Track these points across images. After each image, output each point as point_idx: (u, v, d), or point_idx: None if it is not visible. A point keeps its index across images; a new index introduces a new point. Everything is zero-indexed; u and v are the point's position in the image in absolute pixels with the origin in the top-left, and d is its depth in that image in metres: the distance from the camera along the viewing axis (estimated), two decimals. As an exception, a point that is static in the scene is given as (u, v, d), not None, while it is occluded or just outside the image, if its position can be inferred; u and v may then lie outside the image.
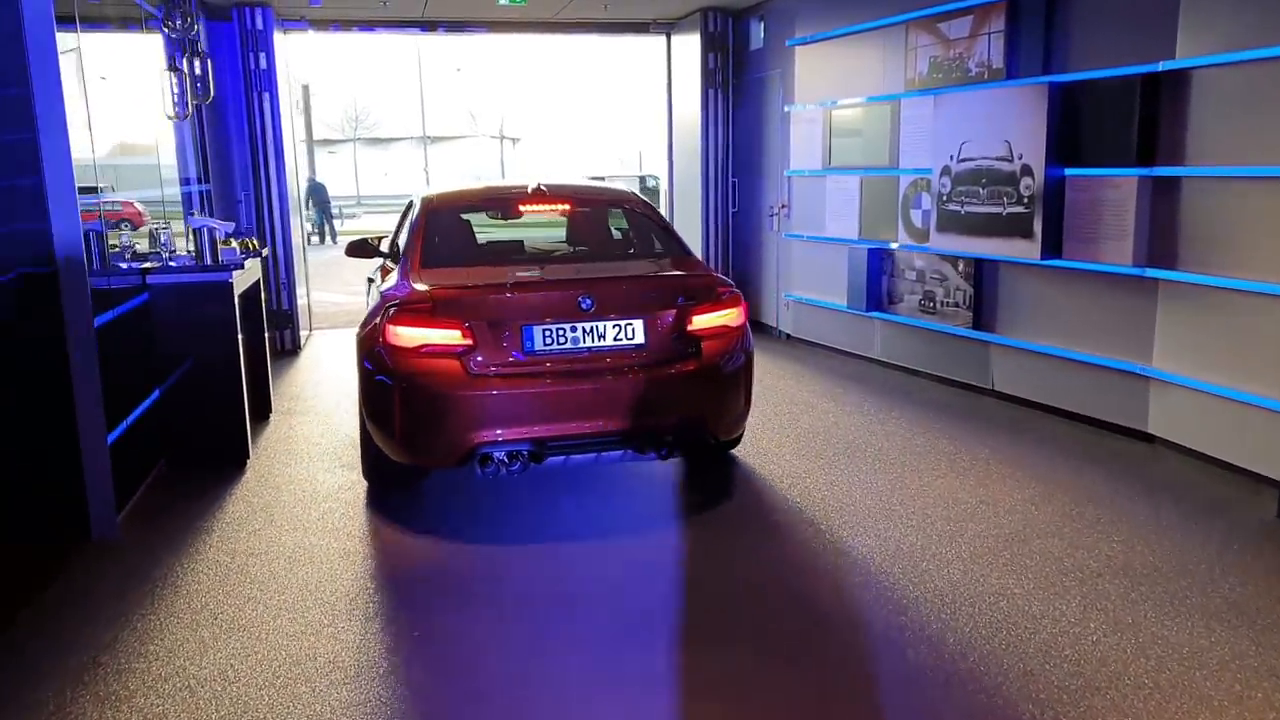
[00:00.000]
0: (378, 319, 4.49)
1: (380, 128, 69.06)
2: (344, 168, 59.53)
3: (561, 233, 6.22)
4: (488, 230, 7.18)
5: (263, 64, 8.65)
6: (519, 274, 4.72)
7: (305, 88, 39.11)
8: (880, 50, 7.61)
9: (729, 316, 4.67)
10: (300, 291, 9.42)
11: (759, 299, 9.84)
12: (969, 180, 6.66)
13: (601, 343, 4.42)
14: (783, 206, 9.03)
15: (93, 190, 5.45)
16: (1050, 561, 4.12)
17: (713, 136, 9.76)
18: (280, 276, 9.03)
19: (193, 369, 5.48)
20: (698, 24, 9.65)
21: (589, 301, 4.39)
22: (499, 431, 4.27)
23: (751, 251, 9.93)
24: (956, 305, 7.00)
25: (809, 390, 7.23)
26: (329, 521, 4.70)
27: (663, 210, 11.29)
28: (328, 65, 61.83)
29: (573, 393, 4.34)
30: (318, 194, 23.49)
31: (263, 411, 6.67)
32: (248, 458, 5.65)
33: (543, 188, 5.32)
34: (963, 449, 5.70)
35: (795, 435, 6.05)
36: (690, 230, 10.29)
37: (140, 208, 7.71)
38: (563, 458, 4.43)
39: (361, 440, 4.99)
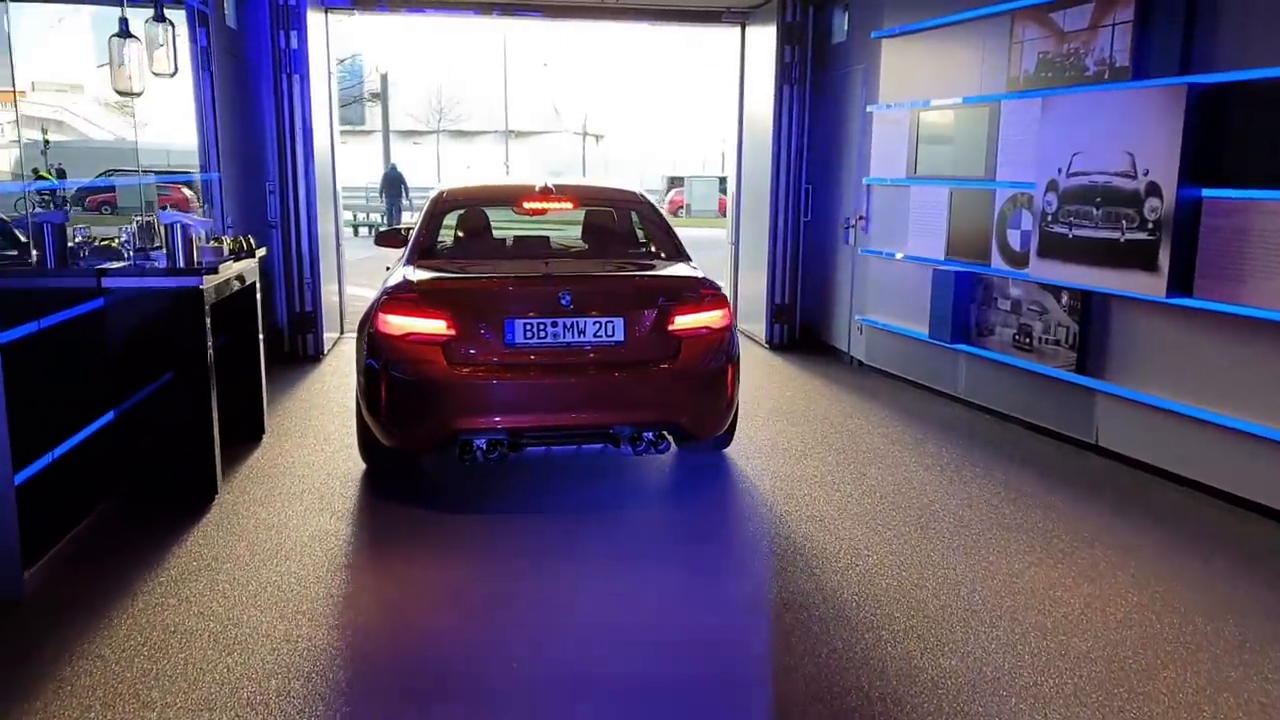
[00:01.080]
0: (372, 307, 4.73)
1: (465, 120, 69.28)
2: (428, 159, 59.80)
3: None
4: (515, 226, 7.35)
5: (294, 44, 7.97)
6: (505, 269, 5.03)
7: (384, 76, 39.08)
8: (979, 44, 6.57)
9: (711, 319, 4.73)
10: (328, 289, 8.72)
11: (829, 320, 8.84)
12: (1080, 198, 5.59)
13: (581, 338, 4.55)
14: (860, 218, 8.02)
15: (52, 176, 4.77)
16: (1185, 709, 3.10)
17: (786, 138, 8.79)
18: (304, 275, 8.34)
19: (156, 388, 4.76)
20: (774, 13, 8.68)
21: (568, 298, 4.52)
22: (477, 420, 4.50)
23: (823, 267, 8.93)
24: (1058, 343, 5.94)
25: (880, 433, 6.24)
26: (285, 590, 3.90)
27: (728, 216, 10.38)
28: (411, 55, 62.08)
29: (551, 386, 4.55)
30: (392, 183, 23.31)
31: (254, 432, 5.94)
32: (215, 493, 4.91)
33: (549, 186, 5.48)
34: (1062, 525, 4.67)
35: (860, 494, 5.09)
36: (756, 240, 9.34)
37: (188, 194, 7.13)
38: (544, 448, 4.85)
39: (357, 421, 5.11)
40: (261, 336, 5.99)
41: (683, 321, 4.65)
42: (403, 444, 4.75)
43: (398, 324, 4.53)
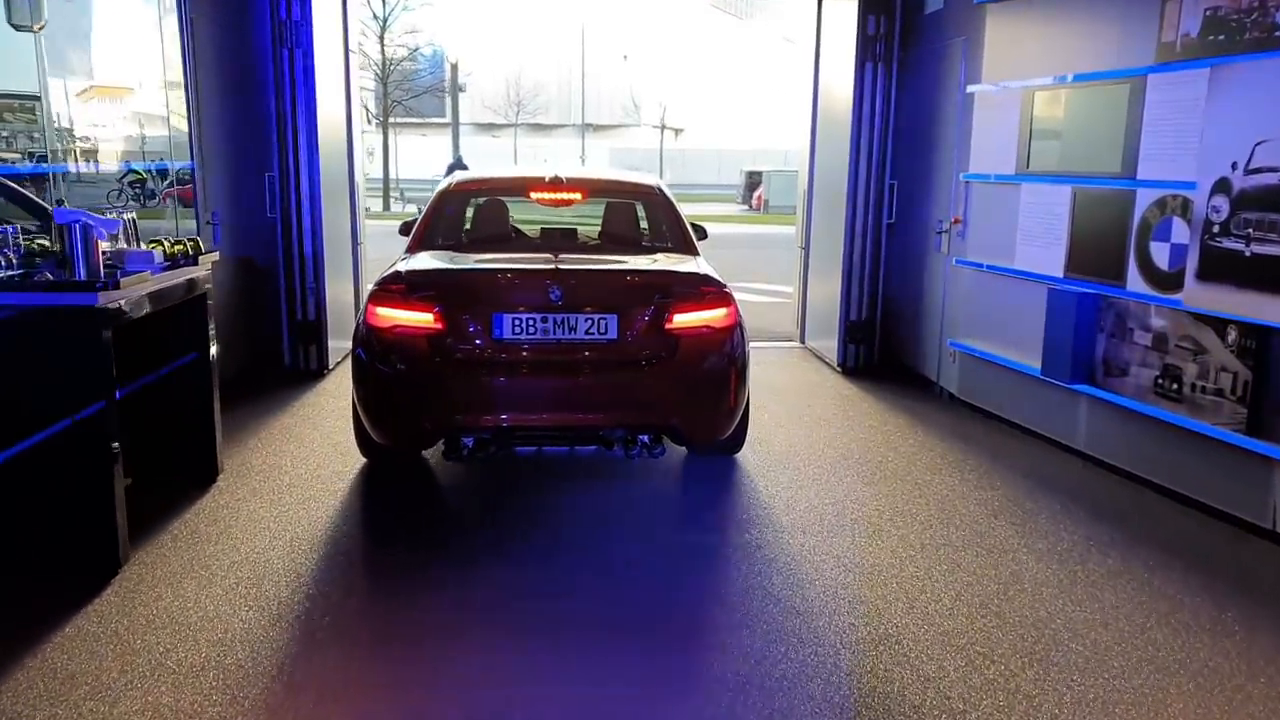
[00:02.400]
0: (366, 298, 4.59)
1: (543, 114, 68.58)
2: (504, 152, 59.21)
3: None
4: (546, 220, 6.88)
5: (295, 13, 6.91)
6: (505, 262, 4.86)
7: (454, 66, 38.41)
8: (1117, 4, 5.17)
9: (712, 317, 4.48)
10: (337, 294, 7.67)
11: (915, 342, 7.48)
12: (1265, 203, 4.19)
13: (572, 335, 4.36)
14: (956, 222, 6.66)
15: None
16: None
17: (867, 124, 7.44)
18: (306, 280, 7.31)
19: (44, 437, 3.70)
20: (857, -22, 7.36)
21: (558, 292, 4.34)
22: (461, 417, 4.37)
23: (908, 278, 7.58)
24: (1219, 393, 4.54)
25: (977, 499, 4.91)
26: (131, 736, 2.78)
27: (798, 215, 9.08)
28: (488, 46, 61.60)
29: (538, 384, 4.40)
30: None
31: (205, 476, 4.89)
32: (119, 568, 3.85)
33: (560, 177, 5.41)
34: (1242, 658, 3.32)
35: (951, 598, 3.78)
36: (829, 245, 8.01)
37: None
38: (534, 448, 4.70)
39: (353, 414, 4.92)
40: (214, 356, 4.93)
41: (681, 320, 4.42)
42: (389, 439, 4.67)
43: (385, 315, 4.38)
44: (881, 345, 7.81)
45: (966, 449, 5.76)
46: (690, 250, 5.22)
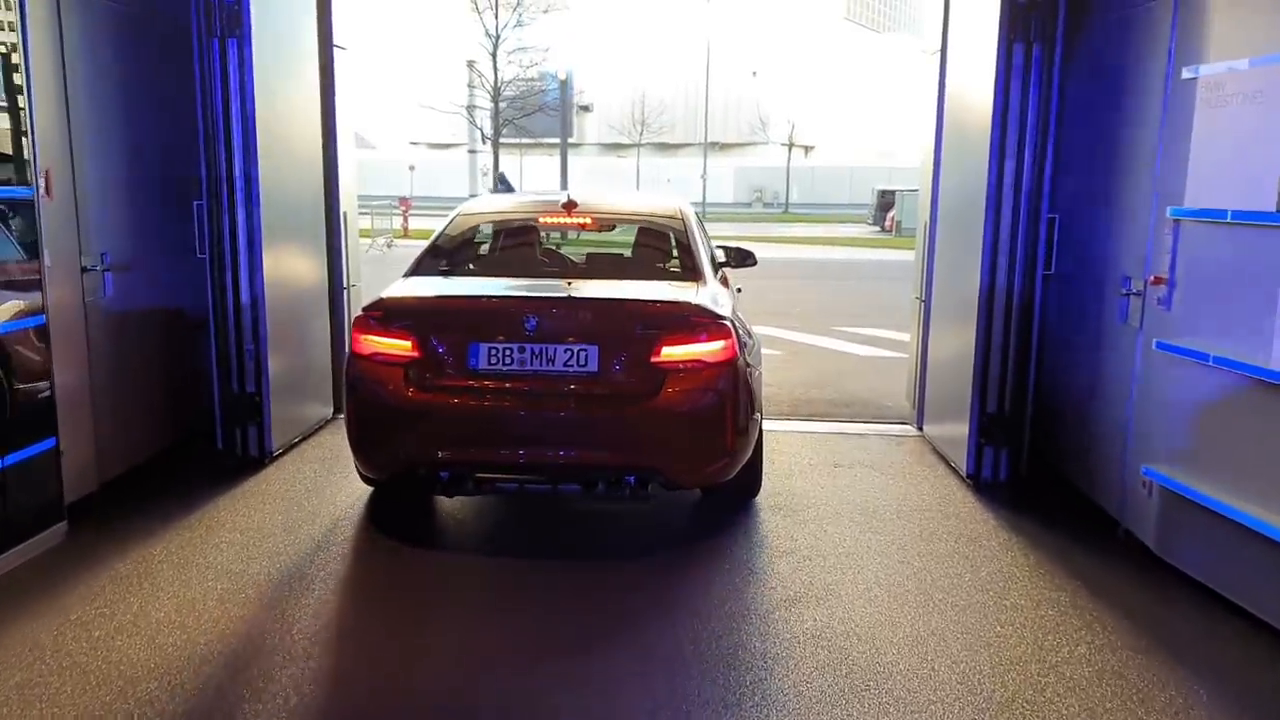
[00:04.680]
0: None
1: (669, 132, 66.87)
2: (628, 173, 57.76)
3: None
4: (588, 245, 6.83)
5: (225, -10, 5.16)
6: (480, 288, 4.80)
7: (563, 83, 36.98)
8: None
9: (706, 351, 4.18)
10: (285, 357, 5.83)
11: (1083, 452, 5.14)
12: None
13: (550, 367, 4.19)
14: (1157, 281, 4.30)
15: None
16: None
17: (1015, 132, 5.16)
18: (244, 338, 5.51)
19: None
20: (1003, -73, 5.11)
21: (534, 322, 4.16)
22: (430, 451, 4.22)
23: (1075, 356, 5.25)
24: None
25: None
26: None
27: (916, 254, 6.89)
28: (612, 64, 60.41)
29: (513, 417, 4.23)
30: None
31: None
32: None
33: (573, 202, 5.24)
34: None
35: None
36: (955, 299, 5.75)
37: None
38: (515, 485, 4.36)
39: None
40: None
41: (670, 353, 4.15)
42: (368, 470, 4.55)
43: (365, 342, 4.32)
44: (1033, 450, 5.47)
45: (1179, 664, 3.43)
46: (696, 278, 4.81)
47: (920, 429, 6.62)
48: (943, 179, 6.17)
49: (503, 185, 24.22)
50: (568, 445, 4.22)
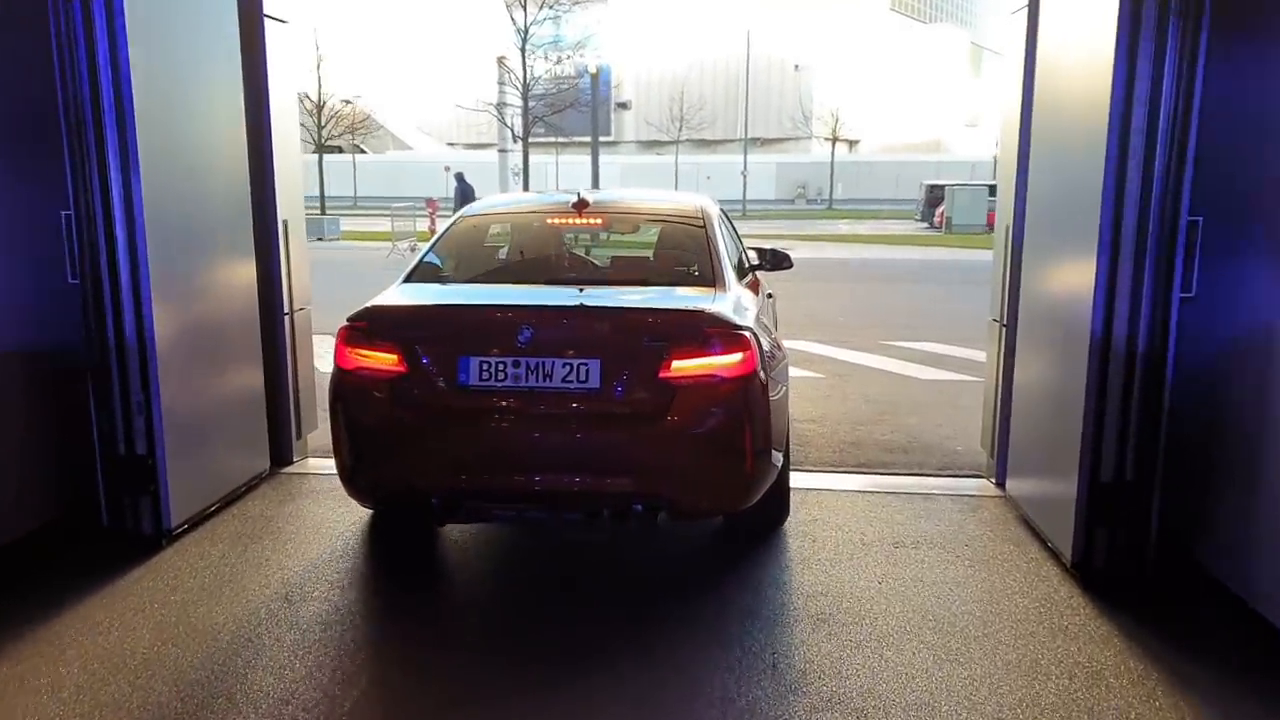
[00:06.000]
0: None
1: (708, 128, 65.31)
2: (666, 172, 56.37)
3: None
4: (612, 246, 6.04)
5: (78, -68, 3.94)
6: (474, 297, 4.35)
7: (594, 76, 35.69)
8: None
9: (722, 364, 3.78)
10: (181, 410, 4.62)
11: (1237, 541, 3.75)
12: None
13: (547, 383, 3.80)
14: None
15: None
16: None
17: (1143, 115, 3.76)
18: (131, 388, 4.30)
19: None
20: None
21: (528, 333, 3.80)
22: (416, 476, 3.90)
23: (1223, 409, 3.87)
24: None
25: None
26: None
27: (994, 267, 5.52)
28: (652, 60, 58.97)
29: (507, 439, 3.85)
30: (464, 195, 22.18)
31: None
32: None
33: (585, 200, 4.85)
34: None
35: None
36: (1052, 329, 4.37)
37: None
38: (512, 513, 3.95)
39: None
40: None
41: (681, 366, 3.74)
42: (354, 498, 4.17)
43: (349, 356, 3.96)
44: (1162, 531, 4.07)
45: None
46: (715, 283, 4.34)
47: (1001, 485, 5.25)
48: (1032, 170, 4.79)
49: (460, 184, 23.53)
50: (567, 470, 3.85)
